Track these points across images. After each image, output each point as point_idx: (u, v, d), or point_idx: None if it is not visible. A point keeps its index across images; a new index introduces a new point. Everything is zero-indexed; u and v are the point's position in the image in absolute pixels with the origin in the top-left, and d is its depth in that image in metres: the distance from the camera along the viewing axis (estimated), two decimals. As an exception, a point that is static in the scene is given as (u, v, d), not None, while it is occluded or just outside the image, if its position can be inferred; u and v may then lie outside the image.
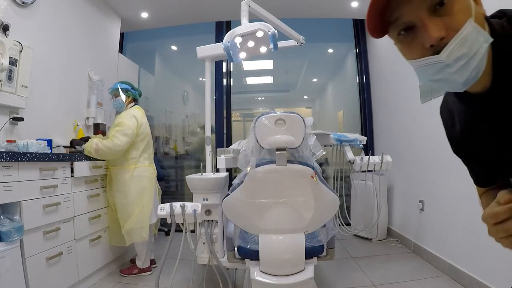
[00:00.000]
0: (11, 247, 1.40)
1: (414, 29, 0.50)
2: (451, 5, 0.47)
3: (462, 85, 0.50)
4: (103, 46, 3.00)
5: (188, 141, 4.33)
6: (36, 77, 2.07)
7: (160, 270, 1.49)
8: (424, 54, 0.50)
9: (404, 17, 0.50)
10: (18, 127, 1.94)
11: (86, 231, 1.96)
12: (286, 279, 1.25)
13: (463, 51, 0.47)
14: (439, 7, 0.47)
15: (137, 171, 2.17)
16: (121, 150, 2.09)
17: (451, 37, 0.47)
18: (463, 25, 0.46)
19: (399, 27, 0.52)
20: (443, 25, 0.47)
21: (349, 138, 2.02)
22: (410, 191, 2.61)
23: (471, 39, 0.47)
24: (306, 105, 5.15)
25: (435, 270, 2.10)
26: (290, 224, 1.28)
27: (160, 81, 4.26)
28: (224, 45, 1.54)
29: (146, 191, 2.18)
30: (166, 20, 3.51)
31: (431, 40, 0.47)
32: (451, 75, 0.49)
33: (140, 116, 2.27)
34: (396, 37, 0.54)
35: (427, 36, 0.48)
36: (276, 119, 1.21)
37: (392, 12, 0.51)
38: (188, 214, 1.41)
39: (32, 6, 2.08)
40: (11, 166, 1.44)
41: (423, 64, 0.51)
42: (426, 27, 0.48)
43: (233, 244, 1.40)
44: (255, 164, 1.23)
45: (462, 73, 0.48)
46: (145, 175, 2.21)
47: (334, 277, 2.07)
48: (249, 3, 1.64)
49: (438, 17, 0.47)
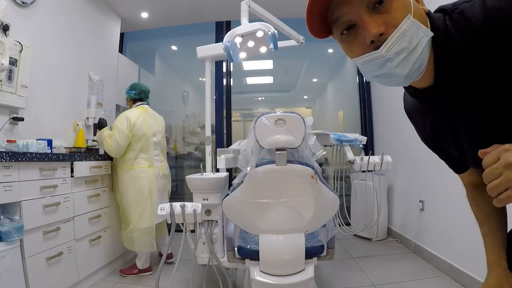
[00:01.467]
0: (11, 247, 1.40)
1: (355, 28, 0.51)
2: (390, 3, 0.49)
3: (404, 79, 0.51)
4: (103, 46, 3.00)
5: (188, 141, 4.33)
6: (36, 77, 2.07)
7: (160, 270, 1.49)
8: (365, 51, 0.51)
9: (344, 17, 0.51)
10: (18, 127, 1.94)
11: (86, 231, 1.96)
12: (286, 279, 1.25)
13: (403, 45, 0.48)
14: (378, 5, 0.49)
15: (134, 172, 2.13)
16: (115, 152, 2.10)
17: (390, 33, 0.48)
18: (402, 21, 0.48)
19: (341, 26, 0.53)
20: (382, 22, 0.48)
21: (349, 138, 2.01)
22: (410, 191, 2.61)
23: (411, 34, 0.48)
24: (306, 105, 5.15)
25: (435, 270, 2.10)
26: (290, 224, 1.28)
27: (160, 81, 4.26)
28: (224, 45, 1.54)
29: (145, 193, 2.13)
30: (166, 20, 3.51)
31: (370, 36, 0.48)
32: (392, 69, 0.50)
33: (136, 117, 2.17)
34: (339, 37, 0.55)
35: (367, 33, 0.49)
36: (276, 119, 1.21)
37: (332, 12, 0.53)
38: (188, 214, 1.41)
39: (32, 6, 2.08)
40: (11, 166, 1.44)
41: (366, 61, 0.52)
42: (365, 24, 0.49)
43: (233, 244, 1.40)
44: (255, 164, 1.22)
45: (404, 67, 0.49)
46: (143, 176, 2.14)
47: (334, 277, 2.06)
48: (249, 3, 1.64)
49: (377, 15, 0.49)
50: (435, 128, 0.65)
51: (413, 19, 0.48)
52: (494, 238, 0.70)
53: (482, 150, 0.48)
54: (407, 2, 0.50)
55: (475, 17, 0.47)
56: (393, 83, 0.54)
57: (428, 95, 0.58)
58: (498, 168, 0.44)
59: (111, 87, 3.08)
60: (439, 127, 0.64)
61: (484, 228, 0.73)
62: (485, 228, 0.73)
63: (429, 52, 0.51)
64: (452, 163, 0.73)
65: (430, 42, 0.51)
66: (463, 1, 0.50)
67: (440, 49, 0.52)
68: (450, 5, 0.53)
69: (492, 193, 0.46)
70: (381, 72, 0.52)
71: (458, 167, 0.73)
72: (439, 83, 0.55)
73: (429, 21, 0.53)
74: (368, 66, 0.53)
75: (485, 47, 0.48)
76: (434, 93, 0.57)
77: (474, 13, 0.48)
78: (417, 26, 0.49)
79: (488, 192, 0.46)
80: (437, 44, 0.52)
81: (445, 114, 0.60)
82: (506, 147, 0.45)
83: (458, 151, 0.63)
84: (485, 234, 0.73)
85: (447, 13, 0.53)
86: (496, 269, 0.69)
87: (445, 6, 0.54)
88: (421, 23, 0.49)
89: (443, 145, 0.67)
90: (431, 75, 0.55)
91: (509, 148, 0.45)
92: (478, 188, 0.74)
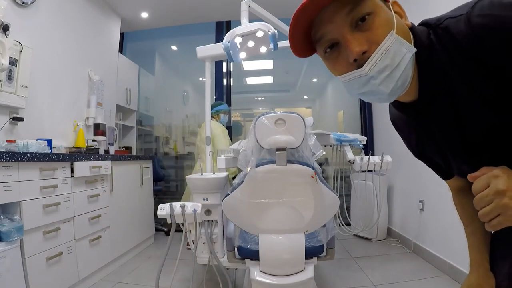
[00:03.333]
0: (11, 247, 1.40)
1: (339, 46, 0.51)
2: (372, 20, 0.48)
3: (388, 96, 0.51)
4: (103, 46, 3.00)
5: (188, 141, 4.34)
6: (36, 77, 2.07)
7: (160, 270, 1.49)
8: (349, 69, 0.51)
9: (328, 35, 0.51)
10: (18, 127, 1.94)
11: (86, 231, 1.96)
12: (286, 279, 1.25)
13: (386, 62, 0.48)
14: (361, 23, 0.49)
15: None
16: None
17: (373, 51, 0.48)
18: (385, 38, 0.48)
19: (324, 44, 0.53)
20: (365, 40, 0.48)
21: (349, 138, 2.01)
22: (410, 191, 2.61)
23: (394, 51, 0.48)
24: (306, 105, 5.15)
25: (435, 270, 2.10)
26: (290, 224, 1.28)
27: (160, 81, 4.26)
28: (224, 45, 1.54)
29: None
30: (166, 20, 3.51)
31: (353, 54, 0.48)
32: (376, 86, 0.50)
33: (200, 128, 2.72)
34: (323, 55, 0.55)
35: (349, 51, 0.49)
36: (276, 119, 1.21)
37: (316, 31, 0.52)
38: (188, 214, 1.41)
39: (32, 6, 2.08)
40: (11, 166, 1.44)
41: (349, 79, 0.52)
42: (348, 43, 0.49)
43: (233, 244, 1.40)
44: (255, 164, 1.22)
45: (387, 84, 0.49)
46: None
47: (334, 277, 2.06)
48: (249, 3, 1.64)
49: (360, 33, 0.49)
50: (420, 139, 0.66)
51: (395, 36, 0.48)
52: (477, 239, 0.71)
53: (471, 175, 0.49)
54: (389, 19, 0.49)
55: (459, 34, 0.47)
56: (377, 100, 0.54)
57: (412, 109, 0.58)
58: (489, 195, 0.45)
59: (111, 87, 3.08)
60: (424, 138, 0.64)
61: (468, 229, 0.75)
62: (469, 229, 0.74)
63: (412, 68, 0.51)
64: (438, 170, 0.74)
65: (413, 58, 0.50)
66: (448, 17, 0.50)
67: (424, 64, 0.52)
68: (434, 19, 0.52)
69: (483, 219, 0.47)
70: (365, 90, 0.52)
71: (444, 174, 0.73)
72: (423, 98, 0.55)
73: (412, 36, 0.52)
74: (352, 84, 0.53)
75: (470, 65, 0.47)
76: (418, 108, 0.57)
77: (458, 29, 0.47)
78: (400, 42, 0.48)
79: (480, 218, 0.47)
80: (421, 59, 0.52)
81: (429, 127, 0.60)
82: (495, 173, 0.46)
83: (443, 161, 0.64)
84: (469, 235, 0.74)
85: (432, 27, 0.52)
86: (477, 269, 0.70)
87: (430, 20, 0.53)
88: (404, 39, 0.49)
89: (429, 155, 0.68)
90: (415, 90, 0.55)
91: (498, 175, 0.46)
92: (463, 192, 0.75)
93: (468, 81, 0.49)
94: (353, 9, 0.48)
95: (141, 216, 2.77)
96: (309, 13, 0.50)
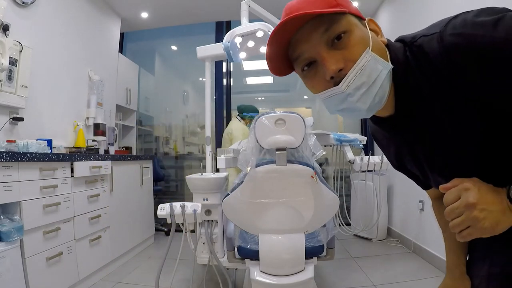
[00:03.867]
0: (11, 247, 1.40)
1: (316, 64, 0.52)
2: (348, 39, 0.49)
3: (366, 112, 0.52)
4: (103, 46, 3.00)
5: (188, 141, 4.34)
6: (36, 77, 2.07)
7: (160, 270, 1.49)
8: (326, 86, 0.52)
9: (305, 54, 0.52)
10: (18, 127, 1.94)
11: (86, 231, 1.96)
12: (286, 279, 1.25)
13: (363, 79, 0.49)
14: (337, 41, 0.49)
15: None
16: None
17: (349, 68, 0.49)
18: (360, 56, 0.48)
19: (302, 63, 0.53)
20: (341, 58, 0.49)
21: (349, 138, 2.01)
22: (410, 191, 2.61)
23: (369, 68, 0.48)
24: (306, 105, 5.15)
25: (435, 270, 2.10)
26: (290, 224, 1.28)
27: (160, 81, 4.26)
28: (224, 45, 1.54)
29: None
30: (166, 20, 3.51)
31: (329, 72, 0.49)
32: (353, 103, 0.50)
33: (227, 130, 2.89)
34: (300, 73, 0.56)
35: (326, 69, 0.49)
36: (276, 119, 1.21)
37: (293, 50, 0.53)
38: (188, 214, 1.41)
39: (32, 6, 2.08)
40: (11, 166, 1.44)
41: (327, 96, 0.53)
42: (324, 61, 0.49)
43: (233, 244, 1.40)
44: (255, 164, 1.23)
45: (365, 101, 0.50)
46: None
47: (334, 277, 2.06)
48: (249, 3, 1.64)
49: (336, 51, 0.49)
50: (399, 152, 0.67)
51: (371, 53, 0.49)
52: (453, 243, 0.73)
53: (443, 186, 0.50)
54: (365, 36, 0.50)
55: (432, 53, 0.47)
56: (356, 116, 0.55)
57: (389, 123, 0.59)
58: (459, 207, 0.46)
59: (111, 87, 3.08)
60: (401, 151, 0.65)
61: (445, 234, 0.77)
62: (446, 234, 0.76)
63: (389, 85, 0.52)
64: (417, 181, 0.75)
65: (390, 74, 0.51)
66: (422, 35, 0.50)
67: (400, 80, 0.53)
68: (409, 36, 0.53)
69: (454, 230, 0.48)
70: (343, 106, 0.52)
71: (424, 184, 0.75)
72: (399, 113, 0.56)
73: (388, 53, 0.53)
74: (330, 101, 0.53)
75: (442, 82, 0.48)
76: (395, 122, 0.58)
77: (431, 48, 0.48)
78: (375, 60, 0.49)
79: (451, 229, 0.48)
80: (397, 75, 0.52)
81: (406, 141, 0.61)
82: (466, 186, 0.47)
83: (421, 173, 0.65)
84: (446, 239, 0.77)
85: (407, 45, 0.53)
86: (453, 272, 0.72)
87: (405, 38, 0.54)
88: (380, 56, 0.50)
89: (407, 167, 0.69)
90: (392, 105, 0.56)
91: (468, 187, 0.47)
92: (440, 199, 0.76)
93: (441, 98, 0.50)
94: (328, 28, 0.49)
95: (141, 216, 2.77)
96: (286, 33, 0.51)
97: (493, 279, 0.60)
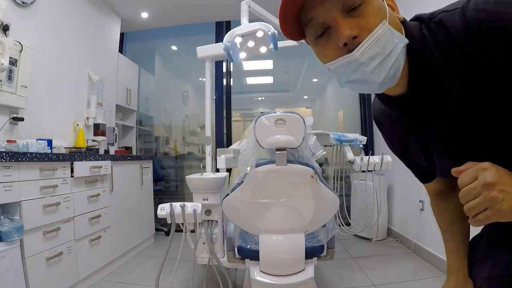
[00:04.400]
0: (11, 247, 1.40)
1: (329, 31, 0.50)
2: (365, 8, 0.48)
3: (379, 85, 0.50)
4: (103, 46, 3.00)
5: (188, 141, 4.34)
6: (36, 77, 2.07)
7: (160, 270, 1.49)
8: (339, 54, 0.50)
9: (318, 18, 0.50)
10: (18, 127, 1.94)
11: (86, 231, 1.96)
12: (286, 279, 1.25)
13: (377, 50, 0.47)
14: (353, 9, 0.48)
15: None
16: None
17: (364, 37, 0.47)
18: (377, 26, 0.47)
19: (314, 28, 0.52)
20: (356, 25, 0.47)
21: (349, 138, 2.01)
22: (410, 191, 2.61)
23: (385, 39, 0.47)
24: (306, 105, 5.15)
25: (435, 270, 2.10)
26: (290, 224, 1.28)
27: (160, 81, 4.26)
28: (224, 45, 1.54)
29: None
30: (166, 20, 3.51)
31: (343, 37, 0.47)
32: (368, 74, 0.49)
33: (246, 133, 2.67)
34: (312, 41, 0.54)
35: (340, 34, 0.48)
36: (276, 119, 1.21)
37: (306, 14, 0.52)
38: (188, 214, 1.41)
39: (32, 6, 2.08)
40: (11, 166, 1.44)
41: (339, 65, 0.51)
42: (339, 26, 0.48)
43: (233, 244, 1.40)
44: (255, 164, 1.22)
45: (379, 73, 0.48)
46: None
47: (334, 277, 2.06)
48: (249, 3, 1.64)
49: (352, 18, 0.48)
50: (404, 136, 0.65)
51: (388, 25, 0.47)
52: (455, 244, 0.72)
53: (456, 169, 0.47)
54: (382, 8, 0.49)
55: (453, 27, 0.46)
56: (367, 89, 0.53)
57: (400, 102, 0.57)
58: (477, 188, 0.43)
59: (111, 87, 3.08)
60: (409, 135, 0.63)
61: (446, 235, 0.74)
62: (447, 235, 0.74)
63: (404, 59, 0.50)
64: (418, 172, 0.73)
65: (405, 49, 0.50)
66: (442, 11, 0.49)
67: (415, 57, 0.51)
68: (427, 14, 0.52)
69: (470, 213, 0.45)
70: (355, 77, 0.51)
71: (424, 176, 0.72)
72: (412, 91, 0.54)
73: (404, 29, 0.52)
74: (341, 71, 0.52)
75: (463, 59, 0.47)
76: (406, 101, 0.56)
77: (453, 23, 0.46)
78: (392, 32, 0.48)
79: (466, 213, 0.45)
80: (412, 52, 0.51)
81: (416, 122, 0.59)
82: (484, 166, 0.44)
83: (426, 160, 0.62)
84: (447, 240, 0.74)
85: (424, 22, 0.52)
86: (455, 274, 0.69)
87: (422, 15, 0.53)
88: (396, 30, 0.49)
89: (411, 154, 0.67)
90: (404, 83, 0.54)
91: (486, 167, 0.44)
92: (441, 196, 0.74)
93: (461, 75, 0.48)
94: None
95: (141, 216, 2.77)
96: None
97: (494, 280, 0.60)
